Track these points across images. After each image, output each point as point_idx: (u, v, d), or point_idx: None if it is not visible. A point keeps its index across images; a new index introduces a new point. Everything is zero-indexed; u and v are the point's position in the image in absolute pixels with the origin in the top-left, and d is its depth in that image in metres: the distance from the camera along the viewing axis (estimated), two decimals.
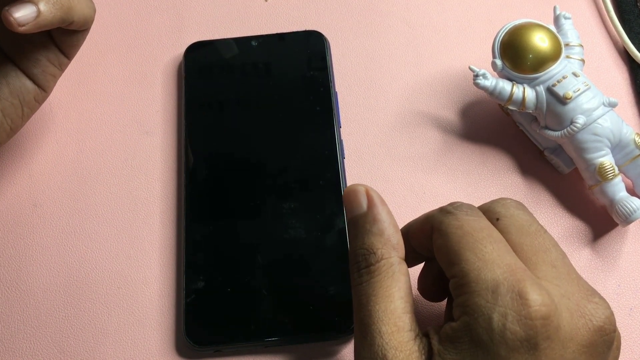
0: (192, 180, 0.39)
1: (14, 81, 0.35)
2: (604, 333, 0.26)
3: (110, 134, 0.42)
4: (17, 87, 0.35)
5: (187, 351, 0.36)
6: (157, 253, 0.39)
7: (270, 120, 0.41)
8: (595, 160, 0.36)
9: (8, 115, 0.36)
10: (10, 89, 0.35)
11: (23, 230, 0.39)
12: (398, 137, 0.42)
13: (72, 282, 0.38)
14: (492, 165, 0.41)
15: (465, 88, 0.43)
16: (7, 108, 0.35)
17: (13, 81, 0.35)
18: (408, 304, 0.28)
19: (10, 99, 0.35)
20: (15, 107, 0.36)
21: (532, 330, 0.25)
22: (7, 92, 0.35)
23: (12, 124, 0.36)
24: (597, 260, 0.38)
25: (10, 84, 0.35)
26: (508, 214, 0.29)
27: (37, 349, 0.36)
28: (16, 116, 0.36)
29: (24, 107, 0.36)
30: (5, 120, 0.36)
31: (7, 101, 0.35)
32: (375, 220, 0.29)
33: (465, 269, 0.26)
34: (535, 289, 0.25)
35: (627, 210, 0.36)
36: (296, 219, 0.38)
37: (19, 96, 0.36)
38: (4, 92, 0.35)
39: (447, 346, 0.26)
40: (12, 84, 0.35)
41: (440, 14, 0.46)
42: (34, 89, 0.36)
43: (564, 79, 0.37)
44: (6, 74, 0.35)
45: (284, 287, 0.36)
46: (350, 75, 0.44)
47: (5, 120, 0.36)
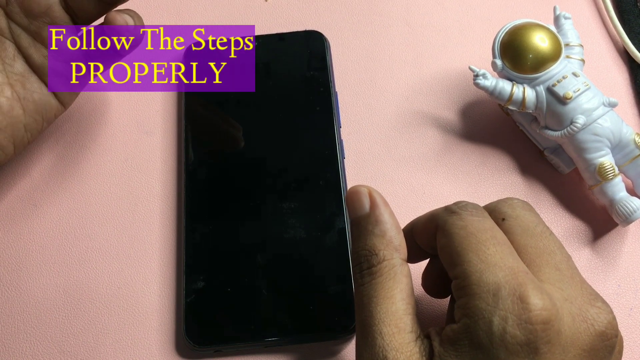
0: (192, 180, 0.39)
1: (40, 98, 0.36)
2: (605, 338, 0.26)
3: (110, 134, 0.42)
4: (42, 104, 0.36)
5: (187, 351, 0.36)
6: (157, 253, 0.39)
7: (270, 120, 0.41)
8: (595, 160, 0.36)
9: (29, 130, 0.36)
10: (36, 105, 0.36)
11: (23, 230, 0.39)
12: (398, 137, 0.42)
13: (72, 282, 0.38)
14: (492, 165, 0.41)
15: (465, 88, 0.43)
16: (30, 124, 0.36)
17: (39, 98, 0.36)
18: (409, 306, 0.28)
19: (34, 115, 0.36)
20: (38, 122, 0.36)
21: (532, 334, 0.25)
22: (32, 109, 0.36)
23: (30, 138, 0.37)
24: (597, 260, 0.38)
25: (36, 101, 0.36)
26: (514, 214, 0.29)
27: (37, 349, 0.36)
28: (36, 131, 0.37)
29: (45, 122, 0.37)
30: (26, 135, 0.36)
31: (31, 117, 0.36)
32: (377, 221, 0.29)
33: (467, 271, 0.26)
34: (537, 293, 0.25)
35: (627, 210, 0.36)
36: (296, 219, 0.38)
37: (43, 113, 0.36)
38: (29, 109, 0.36)
39: (448, 348, 0.26)
40: (39, 101, 0.36)
41: (440, 14, 0.46)
42: (57, 105, 0.37)
43: (564, 79, 0.37)
44: (34, 90, 0.36)
45: (284, 287, 0.36)
46: (350, 75, 0.44)
47: (26, 134, 0.36)
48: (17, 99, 0.35)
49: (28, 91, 0.35)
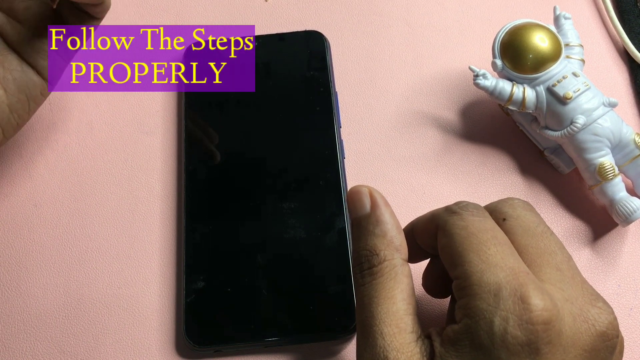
0: (192, 180, 0.39)
1: (20, 76, 0.35)
2: (606, 338, 0.26)
3: (110, 134, 0.42)
4: (24, 82, 0.35)
5: (187, 351, 0.36)
6: (157, 253, 0.39)
7: (271, 120, 0.41)
8: (595, 161, 0.36)
9: (15, 111, 0.35)
10: (17, 84, 0.35)
11: (23, 230, 0.39)
12: (398, 137, 0.42)
13: (72, 282, 0.38)
14: (492, 165, 0.41)
15: (465, 88, 0.43)
16: (14, 104, 0.35)
17: (20, 76, 0.35)
18: (410, 306, 0.28)
19: (17, 94, 0.35)
20: (22, 102, 0.35)
21: (533, 335, 0.25)
22: (14, 88, 0.35)
23: (19, 119, 0.36)
24: (597, 260, 0.38)
25: (17, 79, 0.35)
26: (515, 214, 0.29)
27: (37, 349, 0.36)
28: (23, 111, 0.36)
29: (31, 102, 0.36)
30: (12, 116, 0.35)
31: (15, 97, 0.35)
32: (378, 221, 0.29)
33: (468, 271, 0.26)
34: (538, 293, 0.25)
35: (627, 210, 0.36)
36: (296, 219, 0.38)
37: (26, 91, 0.35)
38: (10, 88, 0.35)
39: (449, 348, 0.26)
40: (19, 79, 0.35)
41: (440, 14, 0.46)
42: (41, 82, 0.36)
43: (564, 79, 0.37)
44: (13, 68, 0.35)
45: (284, 287, 0.36)
46: (350, 75, 0.44)
47: (12, 115, 0.35)
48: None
49: (7, 70, 0.34)
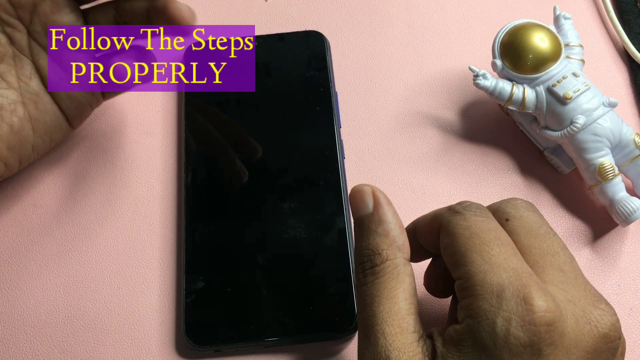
0: (192, 180, 0.39)
1: (52, 119, 0.36)
2: (608, 340, 0.26)
3: (110, 134, 0.42)
4: (52, 126, 0.36)
5: (187, 351, 0.36)
6: (157, 253, 0.39)
7: (271, 120, 0.41)
8: (595, 161, 0.36)
9: (36, 150, 0.36)
10: (46, 127, 0.36)
11: (23, 230, 0.39)
12: (398, 137, 0.42)
13: (72, 282, 0.38)
14: (492, 165, 0.41)
15: (465, 88, 0.43)
16: (38, 144, 0.36)
17: (51, 119, 0.36)
18: (412, 306, 0.28)
19: (43, 136, 0.36)
20: (45, 143, 0.36)
21: (536, 336, 0.24)
22: (42, 129, 0.36)
23: (36, 156, 0.37)
24: (597, 260, 0.38)
25: (47, 122, 0.36)
26: (518, 215, 0.29)
27: (37, 349, 0.36)
28: (42, 149, 0.37)
29: (52, 143, 0.37)
30: (33, 154, 0.36)
31: (40, 138, 0.36)
32: (380, 221, 0.29)
33: (470, 272, 0.26)
34: (541, 294, 0.25)
35: (627, 210, 0.36)
36: (296, 219, 0.38)
37: (51, 134, 0.36)
38: (39, 130, 0.35)
39: (451, 349, 0.26)
40: (49, 122, 0.36)
41: (440, 15, 0.46)
42: (66, 127, 0.37)
43: (564, 79, 0.37)
44: (46, 111, 0.35)
45: (284, 287, 0.36)
46: (350, 75, 0.44)
47: (33, 153, 0.36)
48: (29, 118, 0.35)
49: (40, 112, 0.35)
